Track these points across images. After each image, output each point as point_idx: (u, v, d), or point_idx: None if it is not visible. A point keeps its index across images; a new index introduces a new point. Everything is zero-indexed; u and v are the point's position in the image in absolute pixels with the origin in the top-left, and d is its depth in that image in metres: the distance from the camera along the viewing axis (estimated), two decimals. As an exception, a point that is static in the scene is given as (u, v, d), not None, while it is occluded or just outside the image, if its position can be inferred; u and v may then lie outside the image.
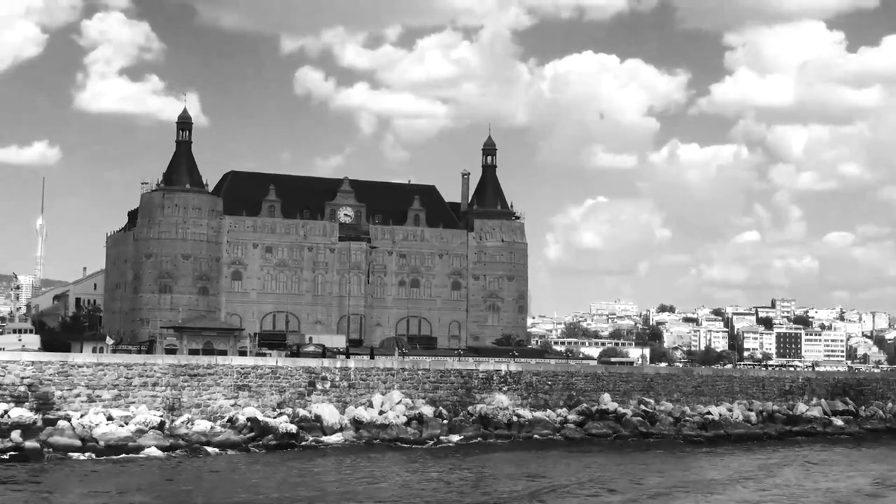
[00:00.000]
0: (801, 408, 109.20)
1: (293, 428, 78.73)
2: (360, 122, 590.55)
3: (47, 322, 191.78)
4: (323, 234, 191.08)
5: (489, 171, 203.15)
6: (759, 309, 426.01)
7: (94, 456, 72.06)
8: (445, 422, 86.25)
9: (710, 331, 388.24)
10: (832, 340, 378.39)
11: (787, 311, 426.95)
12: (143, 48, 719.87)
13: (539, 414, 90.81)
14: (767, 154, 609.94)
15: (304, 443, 79.02)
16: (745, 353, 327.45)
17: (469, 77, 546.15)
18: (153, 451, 73.66)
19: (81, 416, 75.62)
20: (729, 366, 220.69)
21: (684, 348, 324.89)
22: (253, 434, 78.19)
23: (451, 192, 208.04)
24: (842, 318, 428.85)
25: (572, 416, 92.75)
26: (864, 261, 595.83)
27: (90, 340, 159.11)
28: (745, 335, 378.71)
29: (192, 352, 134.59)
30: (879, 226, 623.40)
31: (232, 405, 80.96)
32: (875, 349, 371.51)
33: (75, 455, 71.96)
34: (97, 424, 74.73)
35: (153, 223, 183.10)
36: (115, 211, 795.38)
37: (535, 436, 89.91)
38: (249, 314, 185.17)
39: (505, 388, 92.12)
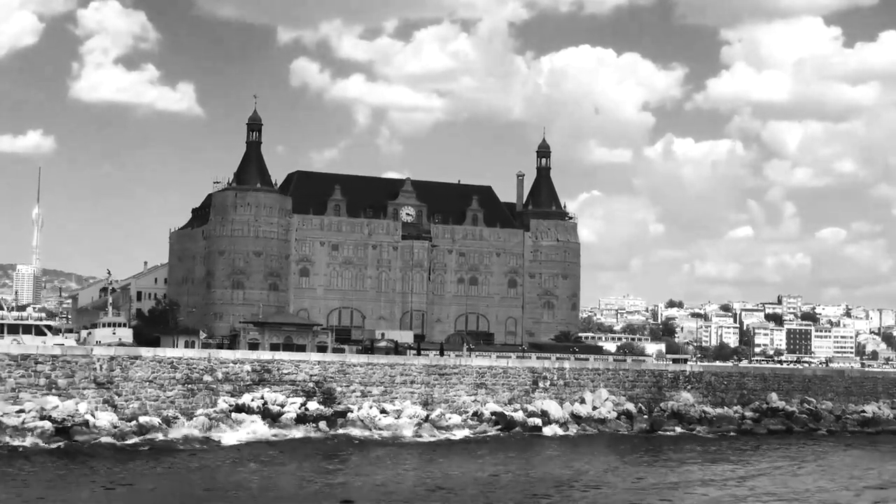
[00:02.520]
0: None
1: (539, 421, 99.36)
2: (355, 115, 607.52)
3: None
4: (386, 233, 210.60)
5: (543, 173, 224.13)
6: (766, 305, 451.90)
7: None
8: (646, 416, 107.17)
9: (720, 327, 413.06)
10: (841, 337, 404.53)
11: (794, 308, 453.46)
12: (138, 38, 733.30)
13: (720, 410, 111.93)
14: (762, 150, 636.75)
15: (540, 434, 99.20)
16: (757, 349, 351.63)
17: (466, 70, 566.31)
18: (425, 439, 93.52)
19: (358, 409, 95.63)
20: (745, 361, 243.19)
21: (695, 344, 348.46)
22: (499, 426, 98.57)
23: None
24: (848, 315, 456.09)
25: (748, 413, 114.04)
26: (856, 258, 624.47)
27: (183, 334, 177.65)
28: (756, 331, 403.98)
29: (273, 346, 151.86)
30: (872, 223, 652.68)
31: (473, 401, 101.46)
32: (883, 346, 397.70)
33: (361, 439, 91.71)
34: (376, 416, 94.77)
35: (226, 221, 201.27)
36: (109, 200, 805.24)
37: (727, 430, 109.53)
38: (317, 310, 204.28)
39: (689, 387, 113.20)
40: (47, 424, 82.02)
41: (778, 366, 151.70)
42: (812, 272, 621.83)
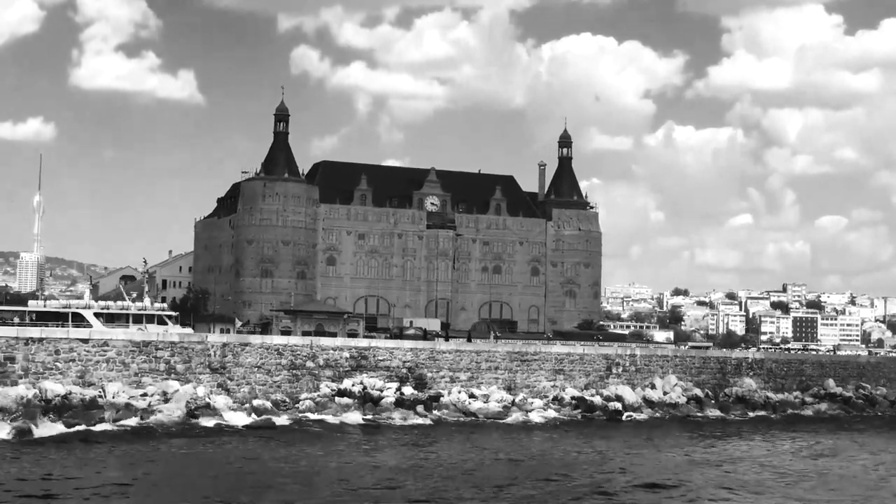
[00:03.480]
0: None
1: (619, 405, 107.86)
2: (356, 103, 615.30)
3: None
4: (411, 222, 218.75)
5: (565, 163, 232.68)
6: (771, 293, 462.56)
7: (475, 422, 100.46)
8: (713, 401, 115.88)
9: (727, 315, 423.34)
10: (847, 325, 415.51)
11: (799, 296, 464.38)
12: (139, 25, 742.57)
13: (781, 396, 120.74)
14: (763, 138, 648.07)
15: (620, 418, 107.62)
16: (764, 337, 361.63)
17: (467, 58, 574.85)
18: (513, 421, 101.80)
19: (448, 393, 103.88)
20: (753, 349, 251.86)
21: (702, 332, 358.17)
22: (579, 410, 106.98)
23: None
24: (853, 303, 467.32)
25: (808, 399, 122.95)
26: (857, 245, 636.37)
27: (218, 322, 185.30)
28: (763, 319, 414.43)
29: (305, 333, 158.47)
30: (873, 210, 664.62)
31: (552, 386, 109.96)
32: (889, 333, 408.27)
33: (454, 422, 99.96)
34: (465, 400, 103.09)
35: (254, 210, 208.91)
36: (110, 188, 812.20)
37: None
38: (343, 298, 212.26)
39: (751, 374, 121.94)
40: (175, 407, 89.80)
41: (832, 354, 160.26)
42: (812, 260, 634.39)
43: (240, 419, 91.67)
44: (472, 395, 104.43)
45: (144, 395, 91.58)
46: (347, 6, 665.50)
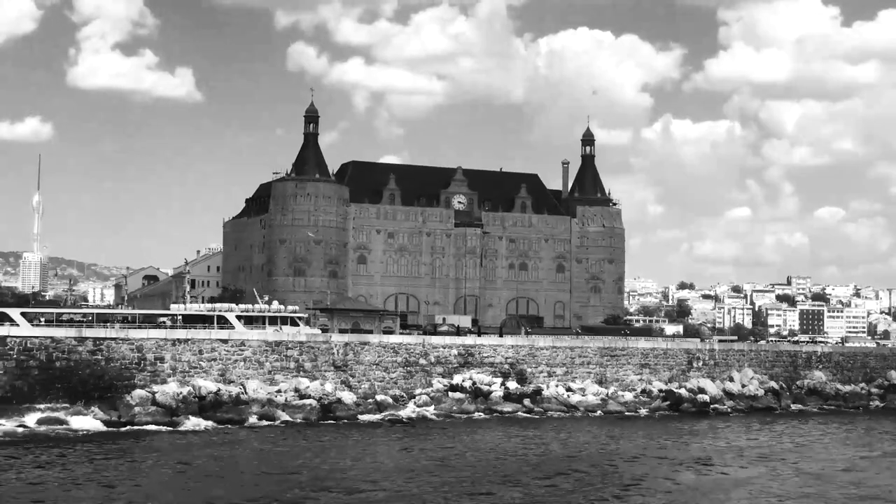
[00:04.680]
0: None
1: (706, 398, 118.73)
2: (354, 99, 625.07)
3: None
4: (440, 221, 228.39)
5: (588, 160, 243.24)
6: (776, 286, 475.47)
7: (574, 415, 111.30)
8: (788, 393, 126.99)
9: (734, 308, 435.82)
10: (854, 317, 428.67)
11: (803, 289, 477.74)
12: (136, 23, 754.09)
13: (850, 387, 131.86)
14: (761, 130, 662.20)
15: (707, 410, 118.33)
16: (771, 330, 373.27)
17: (465, 53, 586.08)
18: (610, 412, 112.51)
19: (547, 387, 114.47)
20: (762, 342, 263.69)
21: (709, 325, 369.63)
22: (668, 402, 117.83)
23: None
24: (858, 295, 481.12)
25: (874, 390, 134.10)
26: (855, 237, 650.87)
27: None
28: (769, 312, 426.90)
29: (342, 331, 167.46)
30: (871, 201, 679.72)
31: (639, 379, 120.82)
32: (895, 325, 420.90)
33: (556, 414, 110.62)
34: (563, 394, 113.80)
35: (286, 210, 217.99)
36: (112, 189, 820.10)
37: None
38: (373, 296, 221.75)
39: (820, 366, 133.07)
40: (313, 402, 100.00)
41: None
42: (811, 251, 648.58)
43: (364, 412, 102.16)
44: (569, 389, 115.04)
45: (279, 391, 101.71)
46: (345, 2, 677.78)
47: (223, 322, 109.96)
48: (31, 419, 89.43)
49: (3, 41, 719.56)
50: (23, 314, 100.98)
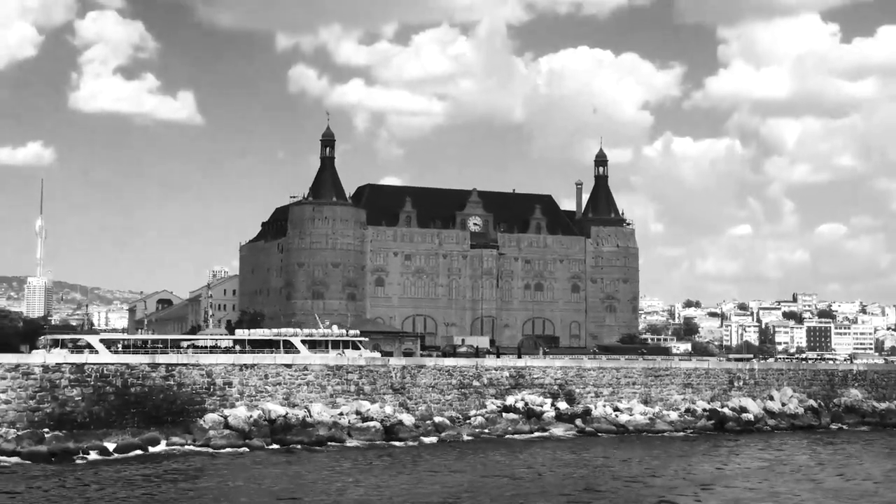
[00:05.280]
0: None
1: (751, 416, 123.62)
2: (354, 120, 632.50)
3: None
4: (456, 242, 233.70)
5: (601, 181, 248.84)
6: (781, 303, 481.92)
7: (623, 434, 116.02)
8: (826, 411, 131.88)
9: (741, 325, 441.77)
10: (861, 333, 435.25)
11: (809, 305, 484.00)
12: (137, 47, 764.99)
13: (885, 405, 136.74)
14: (761, 147, 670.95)
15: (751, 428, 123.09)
16: (778, 347, 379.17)
17: (466, 73, 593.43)
18: (658, 432, 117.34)
19: (594, 408, 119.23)
20: (771, 359, 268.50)
21: (716, 343, 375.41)
22: (713, 421, 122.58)
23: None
24: (864, 312, 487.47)
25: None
26: (856, 252, 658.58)
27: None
28: (777, 329, 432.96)
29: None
30: (873, 217, 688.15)
31: (682, 399, 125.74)
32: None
33: (606, 435, 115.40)
34: (611, 414, 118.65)
35: (304, 234, 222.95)
36: (115, 213, 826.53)
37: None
38: (392, 318, 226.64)
39: (856, 384, 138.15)
40: (377, 425, 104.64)
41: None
42: (813, 268, 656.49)
43: (425, 434, 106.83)
44: (616, 409, 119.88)
45: (341, 414, 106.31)
46: (345, 24, 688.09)
47: (289, 346, 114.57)
48: (110, 444, 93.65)
49: (5, 66, 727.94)
50: (102, 341, 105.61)
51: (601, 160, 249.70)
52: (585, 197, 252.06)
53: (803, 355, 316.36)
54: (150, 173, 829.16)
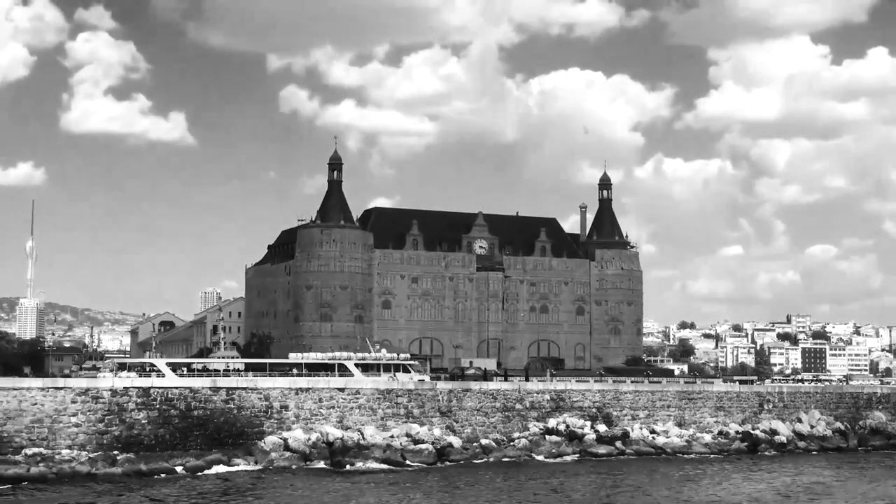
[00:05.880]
0: None
1: (783, 439, 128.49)
2: (346, 141, 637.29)
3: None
4: (462, 265, 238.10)
5: (605, 204, 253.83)
6: (776, 324, 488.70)
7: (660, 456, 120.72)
8: (853, 433, 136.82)
9: (736, 347, 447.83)
10: (855, 355, 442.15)
11: (803, 327, 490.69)
12: (129, 68, 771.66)
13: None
14: (752, 168, 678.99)
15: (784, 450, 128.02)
16: (775, 368, 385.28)
17: (457, 94, 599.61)
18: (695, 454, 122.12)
19: (632, 430, 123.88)
20: (768, 381, 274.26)
21: (711, 364, 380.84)
22: (745, 444, 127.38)
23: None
24: (858, 333, 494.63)
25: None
26: (847, 273, 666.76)
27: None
28: (772, 351, 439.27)
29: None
30: (863, 238, 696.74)
31: (715, 421, 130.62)
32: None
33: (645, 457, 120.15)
34: (648, 436, 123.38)
35: (312, 257, 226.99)
36: (105, 234, 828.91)
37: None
38: (399, 340, 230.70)
39: (880, 407, 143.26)
40: (430, 447, 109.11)
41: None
42: (804, 289, 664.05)
43: (473, 456, 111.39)
44: (652, 431, 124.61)
45: (392, 436, 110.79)
46: (337, 45, 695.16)
47: (343, 370, 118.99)
48: (177, 465, 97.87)
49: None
50: (168, 364, 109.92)
51: (605, 183, 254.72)
52: (590, 218, 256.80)
53: (798, 377, 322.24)
54: (142, 193, 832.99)
